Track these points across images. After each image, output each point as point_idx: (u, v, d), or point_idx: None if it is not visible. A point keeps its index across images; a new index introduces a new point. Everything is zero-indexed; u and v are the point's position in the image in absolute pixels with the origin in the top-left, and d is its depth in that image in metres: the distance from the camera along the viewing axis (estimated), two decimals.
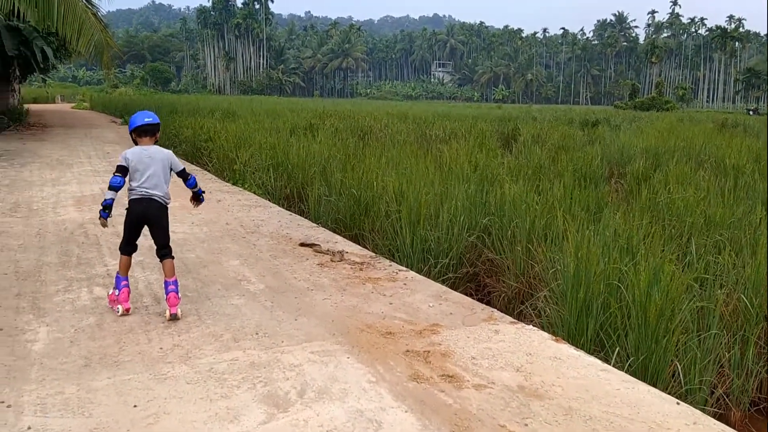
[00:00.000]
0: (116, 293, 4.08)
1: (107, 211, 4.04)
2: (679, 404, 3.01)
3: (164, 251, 4.08)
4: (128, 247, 4.12)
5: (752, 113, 56.20)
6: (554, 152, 12.27)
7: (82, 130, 21.73)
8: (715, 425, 2.83)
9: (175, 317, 3.93)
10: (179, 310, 3.98)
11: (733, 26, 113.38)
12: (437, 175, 7.96)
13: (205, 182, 9.94)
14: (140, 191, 4.01)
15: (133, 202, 4.04)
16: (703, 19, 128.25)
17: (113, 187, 3.99)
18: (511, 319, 4.19)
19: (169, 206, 4.17)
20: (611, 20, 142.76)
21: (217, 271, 5.10)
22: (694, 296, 4.43)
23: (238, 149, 11.49)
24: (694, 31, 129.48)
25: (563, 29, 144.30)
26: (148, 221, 4.08)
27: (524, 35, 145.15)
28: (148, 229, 4.11)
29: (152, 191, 4.02)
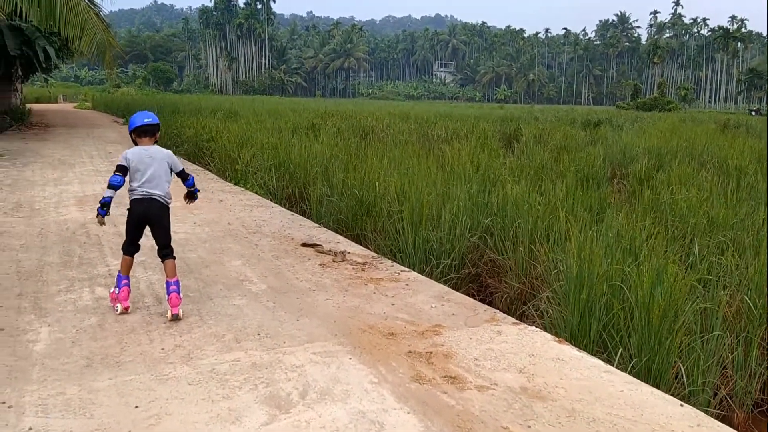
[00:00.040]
0: (116, 291, 4.10)
1: (105, 208, 4.04)
2: (682, 406, 3.00)
3: (165, 251, 4.07)
4: (131, 247, 4.13)
5: (755, 114, 56.17)
6: (556, 152, 12.24)
7: (84, 129, 21.75)
8: (719, 428, 2.81)
9: (176, 318, 3.93)
10: (181, 310, 3.98)
11: (735, 27, 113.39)
12: (439, 175, 7.94)
13: (207, 182, 9.95)
14: (141, 191, 4.00)
15: (134, 202, 4.04)
16: (705, 19, 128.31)
17: (112, 185, 3.99)
18: (513, 320, 4.18)
19: (170, 206, 4.17)
20: (613, 20, 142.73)
21: (218, 271, 5.09)
22: (697, 297, 4.42)
23: (240, 149, 11.48)
24: (696, 31, 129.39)
25: (565, 29, 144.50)
26: (149, 221, 4.08)
27: (526, 35, 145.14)
28: (149, 229, 4.12)
29: (153, 191, 4.02)
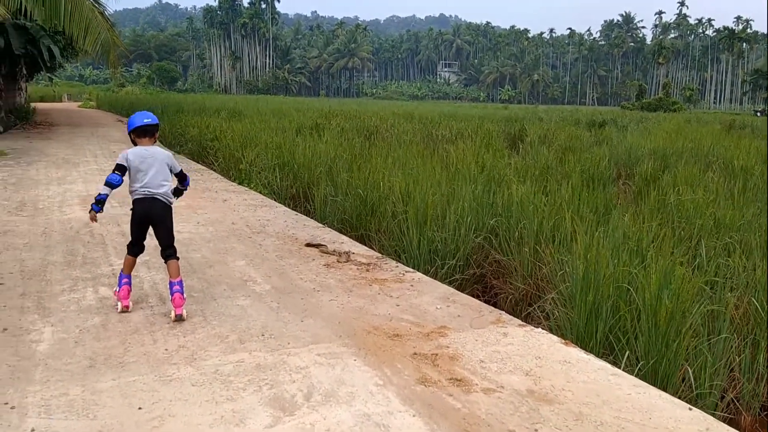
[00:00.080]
0: (117, 290, 4.09)
1: (99, 205, 4.02)
2: (691, 410, 2.96)
3: (169, 251, 4.06)
4: (135, 248, 4.12)
5: (760, 114, 55.96)
6: (561, 153, 12.20)
7: (88, 128, 21.78)
8: None
9: (180, 318, 3.91)
10: (184, 310, 3.96)
11: (740, 27, 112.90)
12: (444, 175, 7.91)
13: (210, 181, 9.95)
14: (143, 191, 3.99)
15: (136, 202, 4.03)
16: (710, 20, 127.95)
17: (110, 183, 3.97)
18: (519, 321, 4.14)
19: (173, 206, 4.16)
20: (618, 21, 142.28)
21: (222, 271, 5.07)
22: (704, 299, 4.37)
23: (244, 149, 11.48)
24: (701, 31, 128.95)
25: (570, 29, 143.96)
26: (152, 221, 4.06)
27: (530, 35, 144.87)
28: (152, 229, 4.10)
29: (155, 191, 4.00)
